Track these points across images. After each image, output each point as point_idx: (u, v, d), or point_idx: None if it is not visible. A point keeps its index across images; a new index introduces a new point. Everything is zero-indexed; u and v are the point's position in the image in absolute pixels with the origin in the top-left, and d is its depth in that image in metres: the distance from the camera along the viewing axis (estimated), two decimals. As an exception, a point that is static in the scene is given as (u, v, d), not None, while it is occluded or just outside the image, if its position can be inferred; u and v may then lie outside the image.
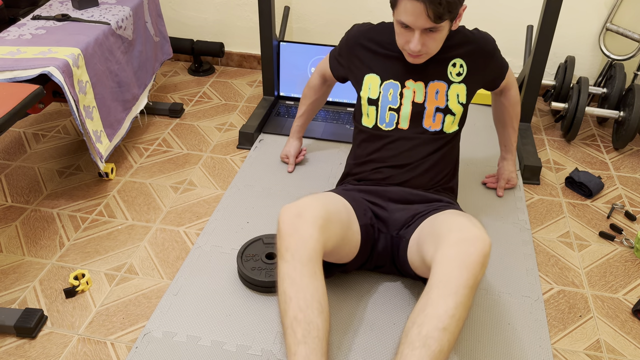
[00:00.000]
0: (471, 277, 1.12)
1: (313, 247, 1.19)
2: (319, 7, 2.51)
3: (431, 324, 1.08)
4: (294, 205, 1.24)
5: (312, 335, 1.12)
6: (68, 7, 1.98)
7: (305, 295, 1.15)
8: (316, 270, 1.19)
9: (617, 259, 1.66)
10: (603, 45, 2.32)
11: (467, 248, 1.14)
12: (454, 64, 1.47)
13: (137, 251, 1.64)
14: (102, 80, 1.80)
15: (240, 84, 2.60)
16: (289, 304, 1.15)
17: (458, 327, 1.10)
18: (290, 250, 1.19)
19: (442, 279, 1.13)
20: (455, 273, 1.12)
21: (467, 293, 1.12)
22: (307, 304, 1.15)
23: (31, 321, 1.37)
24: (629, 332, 1.43)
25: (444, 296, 1.10)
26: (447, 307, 1.09)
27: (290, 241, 1.19)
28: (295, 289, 1.16)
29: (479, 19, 2.40)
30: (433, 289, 1.13)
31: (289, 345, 1.13)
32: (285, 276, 1.18)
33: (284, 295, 1.17)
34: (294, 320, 1.14)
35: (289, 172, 1.96)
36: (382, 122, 1.51)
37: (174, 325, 1.40)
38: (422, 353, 1.06)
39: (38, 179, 1.94)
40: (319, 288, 1.18)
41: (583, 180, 1.89)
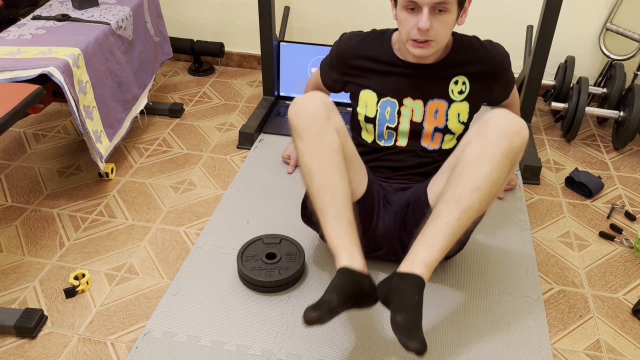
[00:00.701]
0: (508, 146, 1.21)
1: (323, 121, 1.29)
2: (319, 7, 2.51)
3: (466, 185, 1.22)
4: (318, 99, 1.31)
5: (339, 197, 1.26)
6: (68, 7, 1.98)
7: (327, 165, 1.27)
8: (332, 143, 1.29)
9: (617, 259, 1.66)
10: (603, 45, 2.32)
11: (507, 127, 1.22)
12: (457, 81, 1.41)
13: (137, 251, 1.64)
14: (102, 80, 1.80)
15: (240, 84, 2.60)
16: (313, 174, 1.28)
17: (490, 191, 1.22)
18: (306, 129, 1.28)
19: (480, 147, 1.23)
20: (494, 142, 1.22)
21: (503, 160, 1.22)
22: (329, 173, 1.27)
23: (31, 321, 1.37)
24: (629, 332, 1.43)
25: (481, 162, 1.22)
26: (482, 171, 1.21)
27: (302, 121, 1.29)
28: (317, 162, 1.28)
29: (479, 19, 2.40)
30: (471, 157, 1.23)
31: (319, 208, 1.28)
32: (304, 153, 1.29)
33: (307, 169, 1.29)
34: (320, 187, 1.27)
35: (288, 173, 1.96)
36: (381, 139, 1.49)
37: (174, 325, 1.40)
38: (453, 207, 1.21)
39: (38, 179, 1.94)
40: (337, 158, 1.29)
41: (583, 180, 1.89)
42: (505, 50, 1.44)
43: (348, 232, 1.26)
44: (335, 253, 1.25)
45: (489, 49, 1.41)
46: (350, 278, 1.20)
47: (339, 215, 1.26)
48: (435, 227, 1.23)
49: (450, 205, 1.22)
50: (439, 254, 1.21)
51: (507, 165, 1.24)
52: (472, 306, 1.47)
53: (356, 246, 1.26)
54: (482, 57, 1.40)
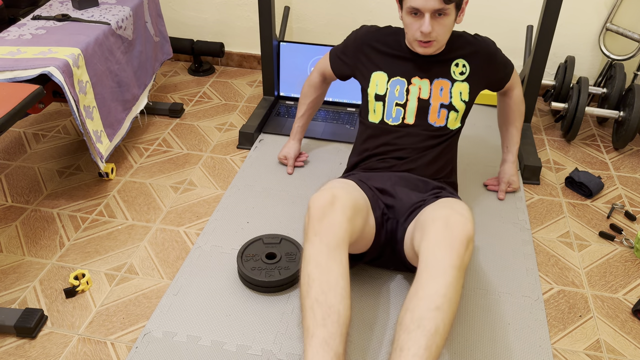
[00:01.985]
0: (457, 258, 1.15)
1: (342, 235, 1.21)
2: (319, 7, 2.51)
3: (424, 305, 1.09)
4: (327, 191, 1.26)
5: (333, 320, 1.11)
6: (68, 7, 1.98)
7: (329, 279, 1.15)
8: (342, 258, 1.20)
9: (617, 259, 1.66)
10: (603, 45, 2.32)
11: (451, 232, 1.18)
12: (457, 64, 1.55)
13: (137, 251, 1.64)
14: (102, 80, 1.80)
15: (240, 84, 2.60)
16: (311, 285, 1.15)
17: (451, 308, 1.10)
18: (319, 235, 1.20)
19: (429, 263, 1.16)
20: (441, 255, 1.15)
21: (456, 274, 1.14)
22: (330, 288, 1.14)
23: (31, 321, 1.37)
24: (629, 332, 1.43)
25: (433, 278, 1.13)
26: (437, 288, 1.11)
27: (320, 226, 1.21)
28: (319, 271, 1.16)
29: (479, 19, 2.40)
30: (422, 274, 1.15)
31: (307, 327, 1.12)
32: (310, 258, 1.18)
33: (307, 277, 1.17)
34: (315, 302, 1.13)
35: (288, 174, 1.96)
36: (389, 117, 1.56)
37: (174, 325, 1.40)
38: (417, 335, 1.06)
39: (38, 179, 1.94)
40: (344, 275, 1.18)
41: (583, 180, 1.89)
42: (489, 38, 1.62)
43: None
44: None
45: (476, 37, 1.59)
46: None
47: (327, 342, 1.09)
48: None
49: (413, 333, 1.07)
50: None
51: (461, 273, 1.16)
52: (472, 306, 1.47)
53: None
54: (472, 41, 1.58)
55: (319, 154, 2.06)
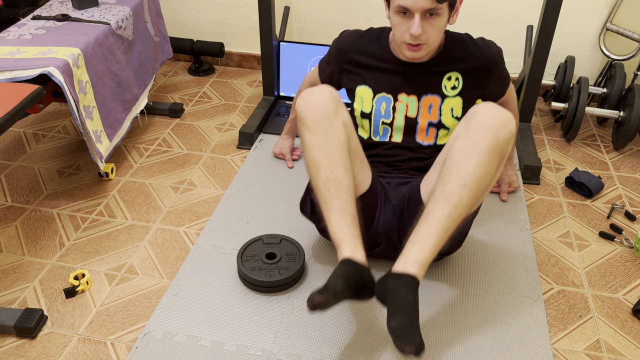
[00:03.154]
0: (494, 140, 1.22)
1: (331, 114, 1.30)
2: (319, 7, 2.51)
3: (453, 181, 1.23)
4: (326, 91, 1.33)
5: (344, 191, 1.28)
6: (68, 7, 1.98)
7: (333, 158, 1.29)
8: (340, 136, 1.31)
9: (617, 259, 1.66)
10: (603, 45, 2.32)
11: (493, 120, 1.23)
12: (449, 77, 1.45)
13: (137, 251, 1.64)
14: (102, 80, 1.80)
15: (240, 84, 2.60)
16: (320, 167, 1.30)
17: (478, 185, 1.23)
18: (316, 122, 1.30)
19: (467, 143, 1.24)
20: (480, 136, 1.23)
21: (489, 154, 1.22)
22: (335, 166, 1.29)
23: (31, 321, 1.37)
24: (629, 332, 1.43)
25: (467, 158, 1.23)
26: (468, 167, 1.23)
27: (311, 113, 1.30)
28: (324, 155, 1.29)
29: (479, 19, 2.40)
30: (458, 154, 1.24)
31: (324, 200, 1.30)
32: (312, 146, 1.31)
33: (313, 162, 1.31)
34: (326, 180, 1.29)
35: (289, 168, 1.97)
36: (376, 135, 1.53)
37: (174, 325, 1.40)
38: (443, 204, 1.23)
39: (38, 179, 1.94)
40: (344, 152, 1.31)
41: (583, 180, 1.89)
42: (498, 46, 1.47)
43: (352, 226, 1.28)
44: (338, 245, 1.28)
45: (481, 45, 1.45)
46: (352, 268, 1.23)
47: (344, 209, 1.28)
48: (426, 225, 1.24)
49: (440, 202, 1.24)
50: (431, 251, 1.22)
51: (495, 160, 1.24)
52: (472, 306, 1.47)
53: (359, 240, 1.29)
54: (474, 53, 1.44)
55: (319, 154, 2.06)
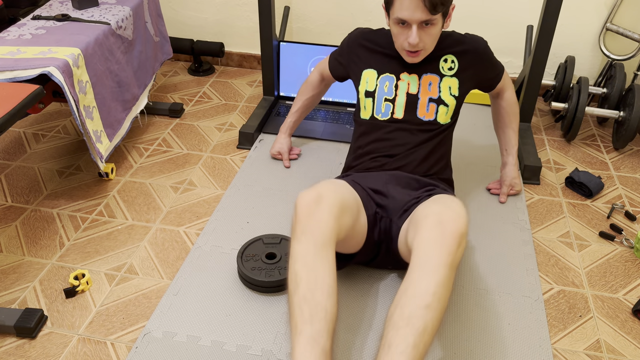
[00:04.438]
0: (449, 256, 1.14)
1: (329, 233, 1.21)
2: (319, 7, 2.51)
3: (413, 303, 1.09)
4: (313, 190, 1.26)
5: (320, 317, 1.11)
6: (68, 7, 1.98)
7: (316, 277, 1.16)
8: (329, 256, 1.20)
9: (617, 259, 1.66)
10: (603, 45, 2.32)
11: (443, 229, 1.17)
12: (445, 59, 1.56)
13: (137, 251, 1.64)
14: (102, 80, 1.80)
15: (240, 84, 2.60)
16: (298, 283, 1.15)
17: (440, 306, 1.11)
18: (306, 233, 1.20)
19: (420, 260, 1.15)
20: (433, 253, 1.15)
21: (447, 272, 1.13)
22: (317, 286, 1.15)
23: (31, 321, 1.37)
24: (629, 332, 1.43)
25: (424, 276, 1.12)
26: (427, 286, 1.11)
27: (307, 224, 1.21)
28: (306, 270, 1.16)
29: (479, 19, 2.40)
30: (414, 271, 1.15)
31: (295, 324, 1.12)
32: (298, 257, 1.19)
33: (294, 275, 1.17)
34: (302, 300, 1.13)
35: (286, 167, 1.97)
36: (379, 112, 1.58)
37: (174, 325, 1.40)
38: (406, 332, 1.07)
39: (38, 179, 1.94)
40: (331, 273, 1.18)
41: (583, 180, 1.89)
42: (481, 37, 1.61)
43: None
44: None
45: (466, 36, 1.60)
46: None
47: (314, 339, 1.09)
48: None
49: (401, 330, 1.07)
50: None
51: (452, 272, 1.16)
52: (472, 306, 1.47)
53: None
54: (461, 39, 1.58)
55: (319, 154, 2.06)
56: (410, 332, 1.06)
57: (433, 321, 1.09)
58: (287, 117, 1.97)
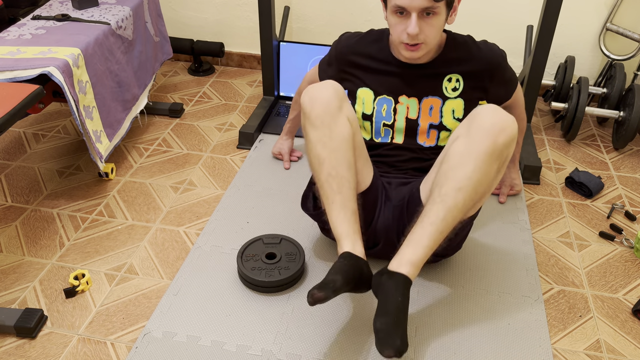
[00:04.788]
0: (492, 145, 1.22)
1: (336, 110, 1.32)
2: (319, 7, 2.51)
3: (449, 185, 1.25)
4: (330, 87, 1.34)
5: (346, 187, 1.31)
6: (68, 7, 1.98)
7: (337, 155, 1.31)
8: (344, 133, 1.32)
9: (617, 259, 1.66)
10: (603, 45, 2.32)
11: (492, 124, 1.23)
12: (450, 79, 1.45)
13: (137, 251, 1.64)
14: (102, 80, 1.80)
15: (240, 84, 2.60)
16: (322, 163, 1.32)
17: (475, 190, 1.24)
18: (320, 118, 1.31)
19: (465, 146, 1.25)
20: (478, 140, 1.23)
21: (487, 159, 1.23)
22: (338, 162, 1.31)
23: (31, 321, 1.37)
24: (629, 332, 1.43)
25: (464, 161, 1.24)
26: (465, 171, 1.24)
27: (316, 109, 1.31)
28: (327, 151, 1.31)
29: (479, 19, 2.40)
30: (456, 156, 1.26)
31: (326, 195, 1.32)
32: (316, 141, 1.32)
33: (317, 158, 1.32)
34: (328, 176, 1.31)
35: (286, 169, 1.97)
36: (377, 136, 1.53)
37: (174, 325, 1.40)
38: (439, 207, 1.25)
39: (38, 179, 1.94)
40: (347, 148, 1.32)
41: (583, 180, 1.89)
42: (500, 49, 1.46)
43: (352, 221, 1.31)
44: (338, 239, 1.31)
45: (482, 47, 1.45)
46: (352, 262, 1.26)
47: (345, 204, 1.31)
48: (421, 227, 1.26)
49: (436, 205, 1.25)
50: (424, 253, 1.25)
51: (493, 164, 1.25)
52: (472, 306, 1.47)
53: (358, 235, 1.32)
54: (475, 55, 1.44)
55: (319, 154, 2.06)
56: (442, 207, 1.24)
57: (465, 200, 1.24)
58: (287, 123, 1.97)
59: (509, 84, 1.54)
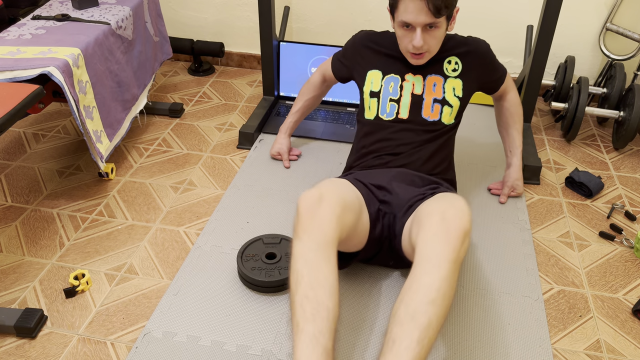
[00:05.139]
0: (453, 252, 1.15)
1: (331, 233, 1.21)
2: (319, 7, 2.51)
3: (417, 299, 1.10)
4: (315, 190, 1.26)
5: (322, 315, 1.11)
6: (68, 7, 1.98)
7: (318, 275, 1.16)
8: (330, 256, 1.20)
9: (617, 259, 1.66)
10: (603, 45, 2.32)
11: (447, 226, 1.17)
12: (449, 61, 1.58)
13: (137, 251, 1.64)
14: (102, 80, 1.80)
15: (240, 84, 2.60)
16: (300, 282, 1.15)
17: (445, 302, 1.11)
18: (308, 232, 1.20)
19: (425, 256, 1.15)
20: (437, 249, 1.15)
21: (451, 267, 1.13)
22: (319, 284, 1.14)
23: (31, 321, 1.37)
24: (629, 332, 1.43)
25: (428, 271, 1.13)
26: (432, 281, 1.11)
27: (308, 223, 1.21)
28: (308, 269, 1.16)
29: (479, 19, 2.40)
30: (417, 267, 1.15)
31: (296, 322, 1.12)
32: (299, 256, 1.19)
33: (296, 274, 1.17)
34: (304, 298, 1.13)
35: (286, 168, 1.97)
36: (383, 112, 1.59)
37: (174, 325, 1.40)
38: (410, 328, 1.07)
39: (38, 179, 1.94)
40: (332, 272, 1.18)
41: (583, 180, 1.89)
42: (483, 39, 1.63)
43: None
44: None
45: (467, 38, 1.61)
46: None
47: (316, 337, 1.09)
48: (395, 356, 1.06)
49: (406, 326, 1.07)
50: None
51: (456, 267, 1.16)
52: (472, 306, 1.47)
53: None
54: (465, 42, 1.60)
55: (319, 154, 2.06)
56: (415, 328, 1.07)
57: (437, 316, 1.09)
58: (287, 117, 1.98)
59: (499, 69, 1.68)
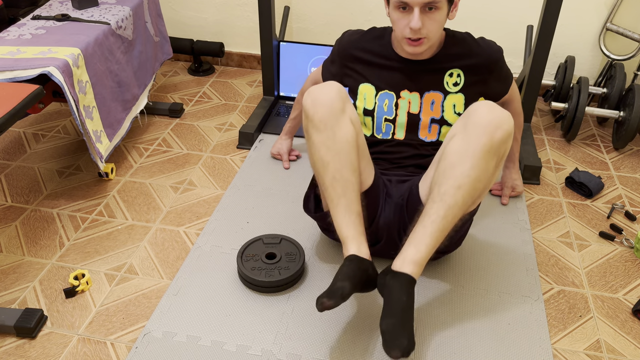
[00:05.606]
0: (489, 142, 1.23)
1: (339, 112, 1.32)
2: (319, 7, 2.51)
3: (448, 183, 1.26)
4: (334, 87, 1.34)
5: (350, 190, 1.32)
6: (68, 7, 1.98)
7: (341, 157, 1.31)
8: (347, 136, 1.32)
9: (617, 259, 1.66)
10: (603, 45, 2.32)
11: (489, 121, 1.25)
12: (451, 74, 1.47)
13: (137, 251, 1.64)
14: (102, 80, 1.80)
15: (240, 84, 2.60)
16: (327, 167, 1.32)
17: (473, 186, 1.26)
18: (324, 120, 1.31)
19: (462, 143, 1.26)
20: (475, 137, 1.24)
21: (484, 156, 1.24)
22: (342, 165, 1.31)
23: (31, 321, 1.37)
24: (629, 332, 1.43)
25: (462, 159, 1.25)
26: (463, 169, 1.25)
27: (319, 112, 1.31)
28: (331, 154, 1.31)
29: (479, 19, 2.40)
30: (453, 154, 1.27)
31: (331, 199, 1.33)
32: (319, 144, 1.32)
33: (321, 161, 1.33)
34: (333, 179, 1.31)
35: (285, 169, 1.97)
36: (379, 132, 1.54)
37: (174, 325, 1.40)
38: (439, 206, 1.26)
39: (38, 179, 1.94)
40: (351, 151, 1.32)
41: (583, 180, 1.89)
42: (498, 45, 1.50)
43: (357, 224, 1.33)
44: (344, 241, 1.33)
45: (481, 44, 1.49)
46: (358, 265, 1.28)
47: (349, 207, 1.32)
48: (422, 226, 1.27)
49: (435, 204, 1.27)
50: (427, 251, 1.26)
51: (491, 161, 1.26)
52: (472, 306, 1.47)
53: (363, 237, 1.34)
54: (475, 50, 1.47)
55: (319, 154, 2.06)
56: (442, 206, 1.26)
57: (464, 199, 1.26)
58: (287, 122, 1.97)
59: (506, 79, 1.57)
